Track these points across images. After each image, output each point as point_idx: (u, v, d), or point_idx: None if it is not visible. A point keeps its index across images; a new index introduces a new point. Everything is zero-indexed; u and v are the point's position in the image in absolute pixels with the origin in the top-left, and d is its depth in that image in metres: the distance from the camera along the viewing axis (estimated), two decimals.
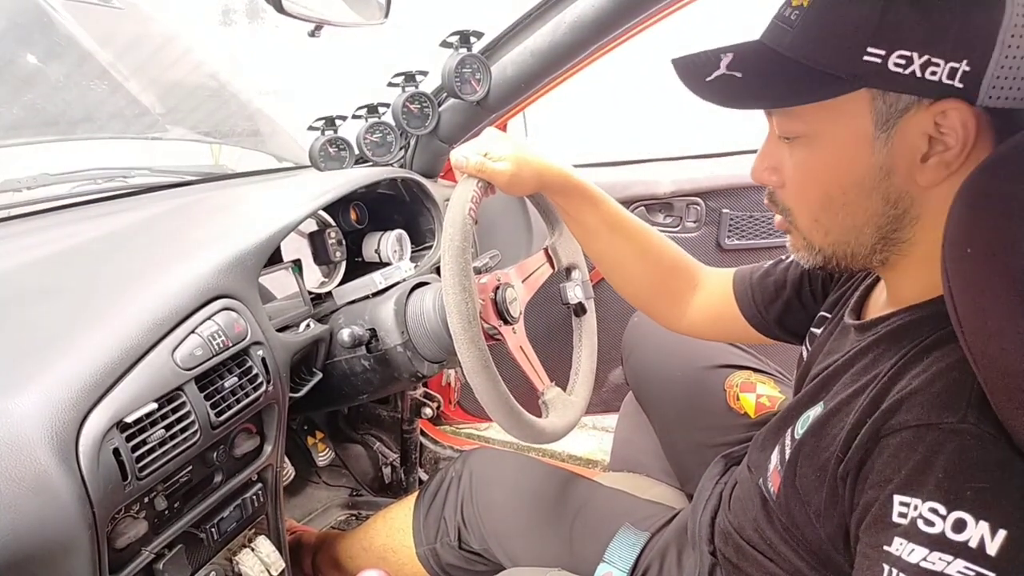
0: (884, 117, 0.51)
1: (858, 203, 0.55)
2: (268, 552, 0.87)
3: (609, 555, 0.87)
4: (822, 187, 0.56)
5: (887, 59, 0.49)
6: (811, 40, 0.52)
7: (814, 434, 0.58)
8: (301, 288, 0.98)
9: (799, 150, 0.57)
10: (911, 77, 0.48)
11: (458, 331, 0.72)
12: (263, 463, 0.86)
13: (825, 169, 0.56)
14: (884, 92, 0.50)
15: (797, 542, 0.62)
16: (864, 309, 0.67)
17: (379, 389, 1.03)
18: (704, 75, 0.56)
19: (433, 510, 1.04)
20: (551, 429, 0.84)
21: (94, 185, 1.13)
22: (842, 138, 0.54)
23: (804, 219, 0.60)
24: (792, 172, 0.58)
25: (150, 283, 0.77)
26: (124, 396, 0.66)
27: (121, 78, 1.27)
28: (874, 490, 0.50)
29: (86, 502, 0.61)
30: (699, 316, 0.92)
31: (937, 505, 0.44)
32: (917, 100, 0.50)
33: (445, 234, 0.74)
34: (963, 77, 0.48)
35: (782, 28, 0.54)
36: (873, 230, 0.56)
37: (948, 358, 0.50)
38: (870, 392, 0.53)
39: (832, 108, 0.52)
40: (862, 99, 0.51)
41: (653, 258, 0.91)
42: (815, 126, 0.54)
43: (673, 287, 0.92)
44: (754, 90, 0.55)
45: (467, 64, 1.14)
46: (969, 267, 0.46)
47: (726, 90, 0.55)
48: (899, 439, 0.49)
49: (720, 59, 0.55)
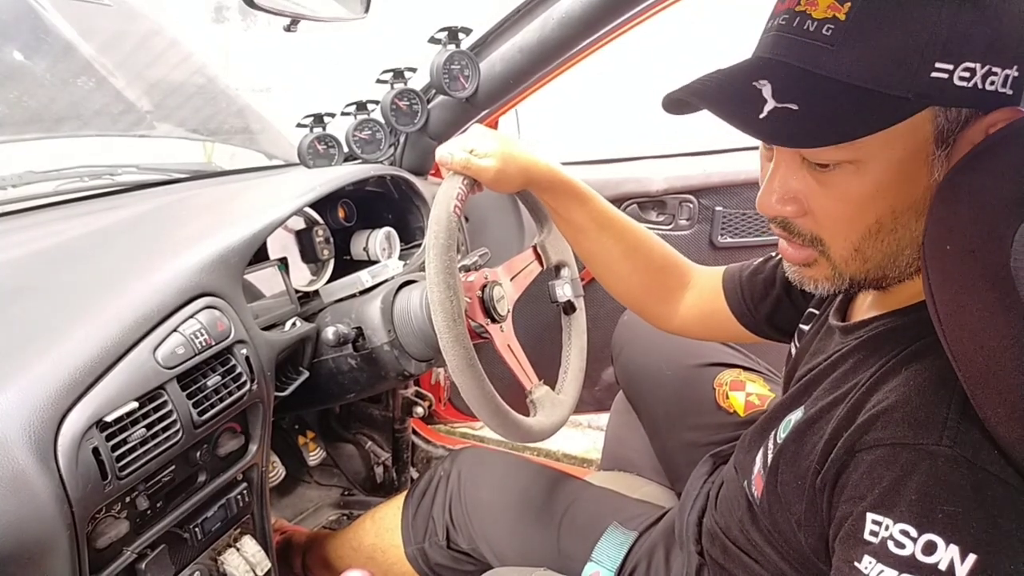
0: (945, 134, 0.48)
1: (908, 226, 0.51)
2: (254, 552, 0.86)
3: (597, 554, 0.87)
4: (872, 215, 0.51)
5: (953, 73, 0.45)
6: (868, 59, 0.46)
7: (794, 441, 0.57)
8: (287, 286, 0.98)
9: (840, 177, 0.50)
10: (973, 89, 0.46)
11: (442, 329, 0.72)
12: (248, 462, 0.85)
13: (877, 195, 0.50)
14: (947, 108, 0.47)
15: (782, 546, 0.61)
16: (850, 310, 0.66)
17: (367, 388, 1.02)
18: (755, 111, 0.49)
19: (422, 510, 1.04)
20: (538, 428, 0.84)
21: (80, 183, 1.12)
22: (898, 161, 0.49)
23: (842, 250, 0.54)
24: (829, 202, 0.52)
25: (132, 281, 0.77)
26: (104, 395, 0.65)
27: (106, 72, 1.26)
28: (848, 505, 0.49)
29: (64, 502, 0.60)
30: (690, 315, 0.91)
31: (908, 527, 0.43)
32: (975, 112, 0.47)
33: (430, 231, 0.73)
34: (1013, 83, 0.46)
35: (814, 46, 0.47)
36: (913, 250, 0.52)
37: (926, 372, 0.49)
38: (848, 402, 0.53)
39: (893, 130, 0.47)
40: (924, 118, 0.47)
41: (643, 256, 0.90)
42: (865, 151, 0.48)
43: (663, 286, 0.91)
44: (817, 122, 0.48)
45: (456, 61, 1.13)
46: (948, 264, 0.46)
47: (785, 127, 0.48)
48: (874, 456, 0.48)
49: (760, 89, 0.49)
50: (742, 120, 0.49)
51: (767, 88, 0.49)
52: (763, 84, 0.49)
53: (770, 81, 0.49)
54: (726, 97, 0.51)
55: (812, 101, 0.48)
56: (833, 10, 0.47)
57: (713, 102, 0.51)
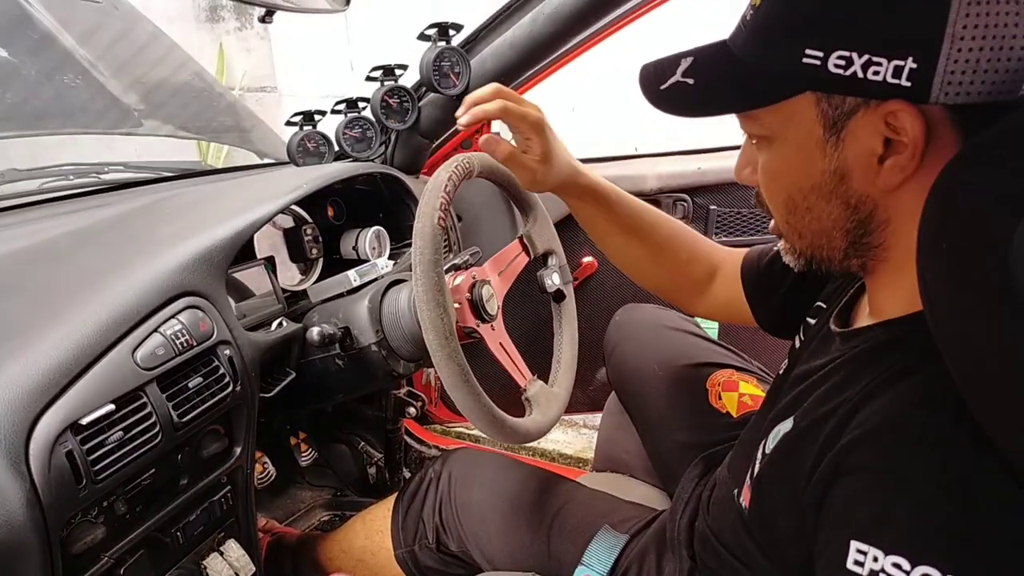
0: (831, 120, 0.49)
1: (820, 207, 0.53)
2: (238, 556, 0.85)
3: (587, 558, 0.85)
4: (785, 191, 0.55)
5: (826, 60, 0.46)
6: (756, 41, 0.50)
7: (783, 454, 0.56)
8: (274, 285, 0.97)
9: (763, 152, 0.55)
10: (853, 78, 0.46)
11: (435, 348, 0.71)
12: (232, 465, 0.84)
13: (785, 172, 0.54)
14: (829, 95, 0.48)
15: (773, 556, 0.59)
16: (852, 315, 0.64)
17: (355, 388, 1.01)
18: (660, 83, 0.54)
19: (412, 511, 1.02)
20: (535, 428, 0.83)
21: (65, 181, 1.10)
22: (795, 141, 0.51)
23: (779, 221, 0.58)
24: (761, 175, 0.57)
25: (112, 281, 0.75)
26: (80, 397, 0.64)
27: (87, 65, 1.24)
28: (831, 530, 0.47)
29: (36, 507, 0.59)
30: (716, 302, 0.92)
31: (900, 559, 0.41)
32: (864, 102, 0.47)
33: (415, 246, 0.72)
34: (910, 75, 0.44)
35: (739, 28, 0.52)
36: (842, 234, 0.54)
37: (916, 391, 0.47)
38: (836, 418, 0.51)
39: (783, 111, 0.50)
40: (808, 102, 0.49)
41: (669, 255, 0.91)
42: (771, 129, 0.52)
43: (690, 278, 0.92)
44: (702, 96, 0.53)
45: (446, 57, 1.12)
46: (944, 264, 0.44)
47: (677, 98, 0.54)
48: (859, 480, 0.46)
49: (679, 64, 0.53)
50: (646, 88, 0.56)
51: (685, 64, 0.53)
52: (687, 60, 0.53)
53: (695, 57, 0.53)
54: (651, 69, 0.56)
55: (708, 77, 0.53)
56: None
57: (642, 73, 0.56)
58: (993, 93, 0.45)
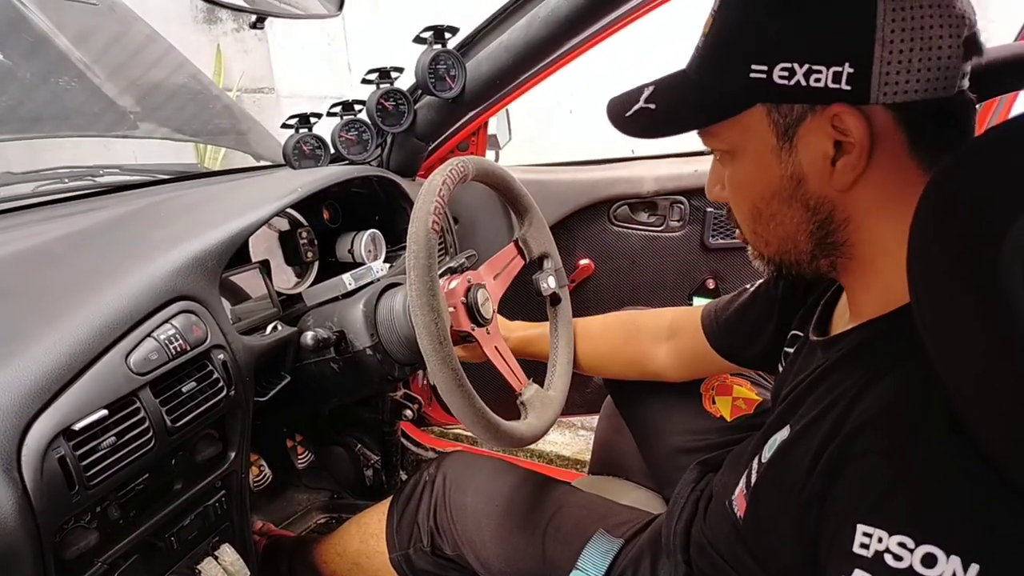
0: (782, 128, 0.52)
1: (783, 213, 0.56)
2: (232, 560, 0.85)
3: (582, 562, 0.85)
4: (749, 200, 0.58)
5: (771, 73, 0.50)
6: (706, 64, 0.55)
7: (780, 459, 0.56)
8: (269, 289, 0.96)
9: (727, 167, 0.59)
10: (797, 87, 0.49)
11: (429, 352, 0.71)
12: (226, 469, 0.84)
13: (747, 183, 0.57)
14: (778, 104, 0.51)
15: (768, 564, 0.60)
16: (830, 324, 0.66)
17: (351, 392, 1.01)
18: (625, 111, 0.59)
19: (407, 515, 1.02)
20: (531, 432, 0.83)
21: (60, 184, 1.10)
22: (753, 152, 0.55)
23: (746, 231, 0.61)
24: (728, 188, 0.60)
25: (105, 286, 0.75)
26: (72, 402, 0.64)
27: (83, 67, 1.24)
28: (838, 518, 0.47)
29: (28, 513, 0.59)
30: (679, 361, 0.96)
31: (905, 539, 0.41)
32: (811, 108, 0.50)
33: (409, 251, 0.72)
34: (849, 79, 0.48)
35: (694, 55, 0.56)
36: (806, 237, 0.56)
37: (912, 377, 0.48)
38: (833, 414, 0.51)
39: (739, 125, 0.54)
40: (760, 113, 0.53)
41: (612, 339, 1.02)
42: (731, 143, 0.56)
43: (641, 351, 0.99)
44: (663, 118, 0.57)
45: (441, 60, 1.12)
46: (934, 266, 0.44)
47: (641, 122, 0.58)
48: (863, 464, 0.46)
49: (642, 93, 0.58)
50: (613, 118, 0.60)
51: (648, 91, 0.58)
52: (649, 88, 0.58)
53: (656, 85, 0.58)
54: (618, 101, 0.60)
55: (670, 100, 0.57)
56: (707, 24, 0.55)
57: (610, 105, 0.61)
58: (930, 90, 0.48)
